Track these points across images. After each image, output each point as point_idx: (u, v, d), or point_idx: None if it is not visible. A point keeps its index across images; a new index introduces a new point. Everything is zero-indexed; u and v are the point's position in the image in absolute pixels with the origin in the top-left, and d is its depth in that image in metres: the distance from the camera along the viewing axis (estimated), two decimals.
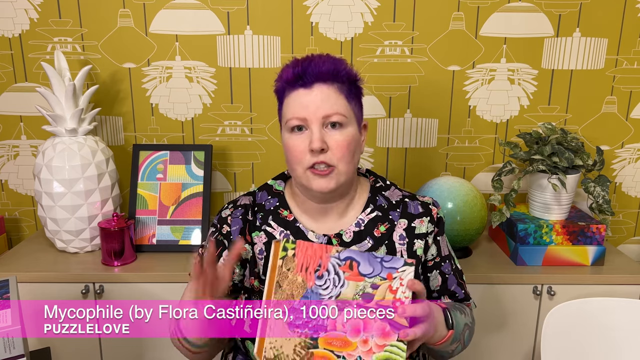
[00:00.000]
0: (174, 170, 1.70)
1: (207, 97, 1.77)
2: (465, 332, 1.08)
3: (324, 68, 1.01)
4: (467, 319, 1.10)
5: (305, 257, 0.94)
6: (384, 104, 1.78)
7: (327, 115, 1.01)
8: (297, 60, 1.04)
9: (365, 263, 0.93)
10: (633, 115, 1.80)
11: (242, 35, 1.71)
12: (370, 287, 0.92)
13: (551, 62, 1.75)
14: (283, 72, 1.05)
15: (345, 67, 1.04)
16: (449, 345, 1.03)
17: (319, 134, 1.00)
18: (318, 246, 0.95)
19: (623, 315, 1.43)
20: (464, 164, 1.84)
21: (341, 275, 0.93)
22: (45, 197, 1.56)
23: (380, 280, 0.92)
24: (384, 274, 0.92)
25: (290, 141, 1.04)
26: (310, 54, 1.06)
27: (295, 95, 1.03)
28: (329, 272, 0.93)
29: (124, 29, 1.71)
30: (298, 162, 1.03)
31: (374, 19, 1.70)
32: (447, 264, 1.14)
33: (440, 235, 1.14)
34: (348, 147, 1.02)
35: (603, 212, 1.60)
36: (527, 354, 1.58)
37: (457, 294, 1.14)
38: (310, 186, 1.04)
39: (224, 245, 1.11)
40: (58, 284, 1.50)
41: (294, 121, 1.02)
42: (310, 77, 1.01)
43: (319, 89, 1.01)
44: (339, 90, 1.03)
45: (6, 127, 1.79)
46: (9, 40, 1.71)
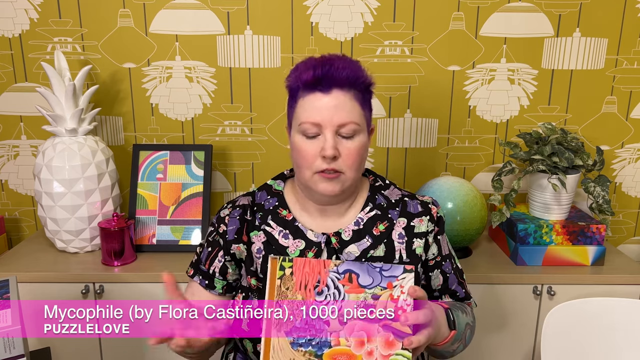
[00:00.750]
0: (174, 170, 1.70)
1: (207, 97, 1.77)
2: (467, 331, 1.08)
3: (344, 74, 0.99)
4: (469, 319, 1.10)
5: (303, 274, 0.93)
6: (384, 104, 1.78)
7: (342, 123, 1.00)
8: (317, 61, 1.01)
9: (364, 274, 0.93)
10: (633, 115, 1.80)
11: (242, 35, 1.71)
12: (372, 298, 0.91)
13: (551, 62, 1.75)
14: (302, 72, 1.02)
15: (363, 73, 1.03)
16: (451, 345, 1.03)
17: (333, 142, 1.00)
18: (316, 262, 0.94)
19: (623, 315, 1.43)
20: (464, 164, 1.84)
21: (341, 289, 0.92)
22: (45, 197, 1.56)
23: (381, 290, 0.92)
24: (384, 284, 0.92)
25: (302, 144, 1.02)
26: (328, 55, 1.04)
27: (312, 98, 1.01)
28: (329, 287, 0.92)
29: (124, 29, 1.71)
30: (308, 165, 1.03)
31: (374, 19, 1.70)
32: (447, 263, 1.14)
33: (441, 234, 1.14)
34: (359, 155, 1.03)
35: (603, 212, 1.60)
36: (527, 354, 1.58)
37: (458, 293, 1.15)
38: (316, 189, 1.04)
39: (220, 245, 1.11)
40: (58, 284, 1.50)
41: (308, 125, 1.01)
42: (329, 82, 0.99)
43: (336, 95, 1.00)
44: (355, 97, 1.02)
45: (6, 127, 1.79)
46: (9, 40, 1.71)
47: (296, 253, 1.07)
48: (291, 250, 1.07)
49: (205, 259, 1.12)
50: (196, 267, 1.14)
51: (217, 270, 1.11)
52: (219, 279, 1.12)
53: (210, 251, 1.12)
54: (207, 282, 1.12)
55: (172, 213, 1.68)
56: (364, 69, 1.04)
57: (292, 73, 1.05)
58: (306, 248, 1.07)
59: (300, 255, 1.06)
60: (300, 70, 1.03)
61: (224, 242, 1.11)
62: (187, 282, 1.17)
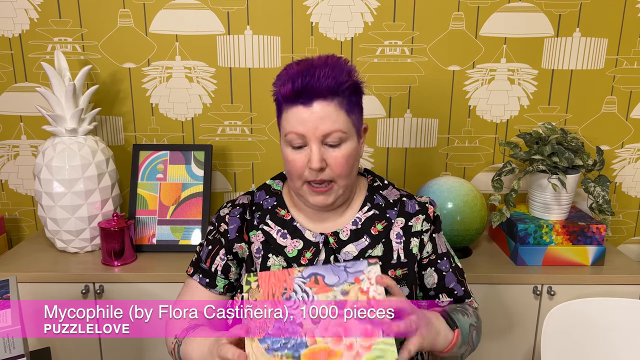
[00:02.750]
0: (174, 170, 1.70)
1: (207, 97, 1.77)
2: (472, 332, 1.06)
3: (325, 84, 0.96)
4: (471, 320, 1.08)
5: (269, 285, 0.92)
6: (384, 104, 1.78)
7: (327, 133, 0.98)
8: (296, 73, 0.98)
9: (329, 274, 0.92)
10: (633, 115, 1.80)
11: (242, 35, 1.71)
12: (341, 294, 0.90)
13: (551, 62, 1.75)
14: (281, 85, 0.99)
15: (347, 78, 0.99)
16: (459, 349, 1.01)
17: (318, 154, 0.99)
18: (280, 272, 0.93)
19: (623, 315, 1.43)
20: (464, 164, 1.84)
21: (309, 291, 0.91)
22: (45, 197, 1.56)
23: (349, 285, 0.91)
24: (351, 279, 0.91)
25: (289, 155, 1.02)
26: (311, 59, 1.01)
27: (295, 110, 0.99)
28: (296, 292, 0.91)
29: (124, 29, 1.71)
30: (297, 176, 1.03)
31: (374, 19, 1.70)
32: (444, 261, 1.13)
33: (437, 232, 1.13)
34: (347, 163, 1.01)
35: (603, 212, 1.60)
36: (527, 353, 1.58)
37: (455, 291, 1.13)
38: (308, 200, 1.05)
39: (221, 244, 1.11)
40: (58, 284, 1.50)
41: (293, 136, 1.00)
42: (309, 95, 0.97)
43: (319, 107, 0.97)
44: (339, 105, 0.99)
45: (6, 127, 1.79)
46: (9, 40, 1.71)
47: (294, 253, 1.07)
48: (289, 250, 1.07)
49: (206, 257, 1.12)
50: (196, 265, 1.14)
51: (219, 269, 1.11)
52: (221, 278, 1.12)
53: (210, 249, 1.12)
54: (208, 280, 1.12)
55: (172, 213, 1.68)
56: (349, 72, 1.00)
57: (275, 83, 1.03)
58: (304, 248, 1.07)
59: (297, 255, 1.06)
60: (281, 81, 1.00)
61: (225, 241, 1.11)
62: (184, 282, 1.16)
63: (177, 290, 1.50)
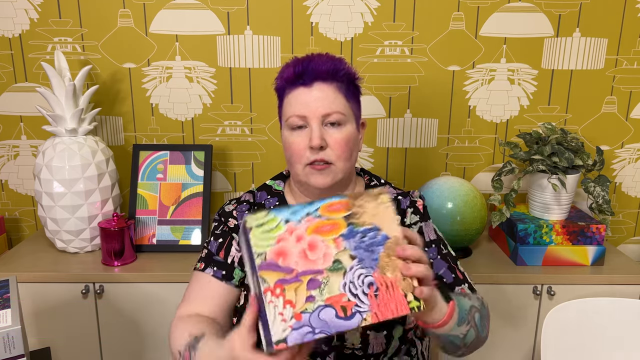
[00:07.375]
0: (174, 170, 1.70)
1: (207, 97, 1.77)
2: (474, 314, 0.98)
3: (324, 67, 1.03)
4: (473, 302, 1.01)
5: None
6: (384, 104, 1.78)
7: (326, 113, 1.03)
8: (297, 60, 1.06)
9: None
10: (633, 115, 1.80)
11: (242, 35, 1.71)
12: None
13: (551, 62, 1.75)
14: (284, 71, 1.07)
15: (344, 66, 1.06)
16: (457, 328, 0.91)
17: (319, 132, 1.02)
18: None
19: (623, 315, 1.43)
20: (464, 164, 1.84)
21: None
22: (45, 197, 1.56)
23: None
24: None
25: (290, 138, 1.05)
26: (310, 53, 1.08)
27: (296, 93, 1.04)
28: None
29: (124, 29, 1.71)
30: (298, 159, 1.05)
31: (374, 19, 1.70)
32: (432, 248, 1.10)
33: (424, 221, 1.12)
34: (347, 145, 1.04)
35: (603, 212, 1.60)
36: (527, 353, 1.58)
37: (445, 278, 1.07)
38: (309, 182, 1.05)
39: (233, 237, 1.10)
40: (58, 284, 1.50)
41: (295, 119, 1.04)
42: (310, 76, 1.03)
43: (318, 88, 1.03)
44: (338, 89, 1.04)
45: (6, 127, 1.79)
46: (9, 40, 1.71)
47: None
48: None
49: (218, 250, 1.09)
50: (208, 259, 1.09)
51: (235, 260, 1.08)
52: (238, 269, 1.08)
53: (222, 242, 1.10)
54: (224, 272, 1.07)
55: (172, 213, 1.68)
56: (345, 63, 1.07)
57: (278, 76, 1.09)
58: None
59: None
60: (283, 70, 1.07)
61: (236, 234, 1.10)
62: (189, 281, 1.10)
63: (177, 290, 1.50)
